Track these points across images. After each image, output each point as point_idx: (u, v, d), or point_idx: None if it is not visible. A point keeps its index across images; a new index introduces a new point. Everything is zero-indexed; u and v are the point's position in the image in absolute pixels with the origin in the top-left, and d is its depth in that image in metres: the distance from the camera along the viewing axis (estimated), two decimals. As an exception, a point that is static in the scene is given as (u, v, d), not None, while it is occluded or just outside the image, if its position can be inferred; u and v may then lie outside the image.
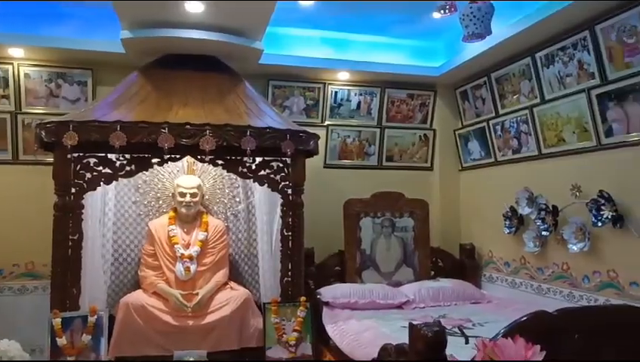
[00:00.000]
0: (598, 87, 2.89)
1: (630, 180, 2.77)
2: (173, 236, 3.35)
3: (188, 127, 2.93)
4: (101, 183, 2.98)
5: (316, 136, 3.33)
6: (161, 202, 3.64)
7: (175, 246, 3.32)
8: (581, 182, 3.04)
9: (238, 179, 3.66)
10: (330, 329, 3.19)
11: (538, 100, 3.39)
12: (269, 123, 3.17)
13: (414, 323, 2.03)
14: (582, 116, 3.04)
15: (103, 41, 3.50)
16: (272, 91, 4.13)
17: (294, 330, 3.09)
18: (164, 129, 2.88)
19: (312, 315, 3.17)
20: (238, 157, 3.15)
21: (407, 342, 2.10)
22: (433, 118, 4.46)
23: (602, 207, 2.84)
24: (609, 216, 2.80)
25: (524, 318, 1.98)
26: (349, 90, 4.29)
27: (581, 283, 3.12)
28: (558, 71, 3.18)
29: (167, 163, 3.12)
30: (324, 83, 4.21)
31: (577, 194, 3.05)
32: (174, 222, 3.43)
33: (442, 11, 2.42)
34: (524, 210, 3.50)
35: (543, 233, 3.32)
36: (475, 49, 3.56)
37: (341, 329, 3.12)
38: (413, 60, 4.18)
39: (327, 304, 3.51)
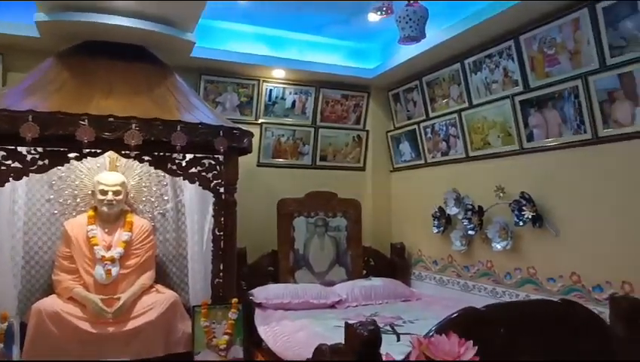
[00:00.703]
0: (521, 94, 3.06)
1: (548, 182, 2.95)
2: (93, 237, 3.12)
3: (111, 119, 2.73)
4: (10, 179, 2.70)
5: (250, 134, 3.24)
6: (78, 200, 3.38)
7: (95, 247, 3.09)
8: (505, 184, 3.20)
9: (167, 176, 3.49)
10: (263, 331, 3.12)
11: (466, 105, 3.53)
12: (202, 118, 3.04)
13: (350, 322, 2.04)
14: (506, 121, 3.20)
15: (15, 23, 3.19)
16: (204, 86, 3.98)
17: (225, 333, 3.00)
18: (84, 121, 2.66)
19: (243, 317, 3.09)
20: (167, 154, 3.00)
21: (341, 341, 2.10)
22: (366, 119, 4.52)
23: (523, 208, 3.01)
24: (529, 216, 2.97)
25: (455, 315, 2.04)
26: (284, 88, 4.24)
27: (504, 279, 3.28)
28: (485, 77, 3.33)
29: (86, 158, 2.90)
30: (259, 80, 4.13)
31: (501, 195, 3.21)
32: (94, 221, 3.20)
33: (379, 12, 2.44)
34: (452, 210, 3.63)
35: (469, 232, 3.46)
36: (407, 53, 3.65)
37: (274, 331, 3.06)
38: (348, 61, 4.21)
39: (259, 305, 3.44)
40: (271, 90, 4.19)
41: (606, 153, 2.63)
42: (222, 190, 3.14)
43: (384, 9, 2.38)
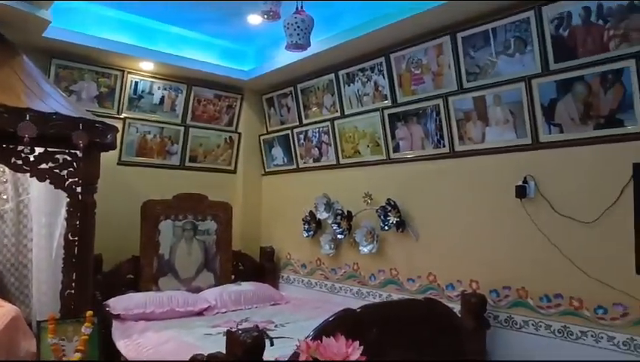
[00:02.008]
0: (390, 108, 3.29)
1: (411, 191, 3.22)
2: None
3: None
4: None
5: (115, 129, 2.96)
6: None
7: None
8: (372, 191, 3.41)
9: (7, 171, 3.00)
10: (123, 345, 2.85)
11: (339, 114, 3.68)
12: (56, 108, 2.69)
13: (232, 329, 1.97)
14: (375, 132, 3.42)
15: None
16: (55, 71, 3.53)
17: (77, 350, 2.67)
18: None
19: (99, 331, 2.78)
20: (11, 146, 2.58)
21: (213, 350, 2.02)
22: (239, 121, 4.45)
23: (389, 213, 3.24)
24: (394, 222, 3.20)
25: (334, 317, 2.10)
26: (152, 82, 3.96)
27: (368, 281, 3.48)
28: (357, 89, 3.51)
29: None
30: (124, 71, 3.79)
31: (369, 201, 3.41)
32: None
33: (265, 16, 2.42)
34: (322, 214, 3.75)
35: (339, 236, 3.61)
36: (283, 59, 3.69)
37: (136, 344, 2.81)
38: (223, 61, 4.09)
39: (117, 317, 3.14)
40: (137, 82, 3.89)
41: (460, 166, 2.96)
42: (79, 190, 2.80)
43: (271, 13, 2.37)
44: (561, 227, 2.47)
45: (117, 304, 3.22)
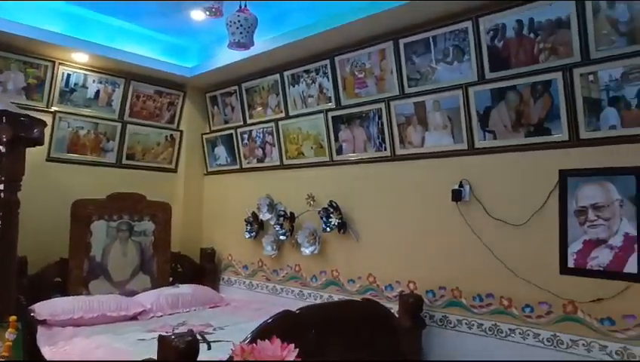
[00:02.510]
0: (334, 110, 3.31)
1: (353, 193, 3.25)
2: None
3: None
4: None
5: (43, 123, 2.77)
6: None
7: None
8: (315, 193, 3.41)
9: None
10: (49, 352, 2.68)
11: (283, 115, 3.66)
12: (-23, 98, 2.48)
13: (164, 334, 1.90)
14: (319, 134, 3.43)
15: None
16: (-25, 60, 3.29)
17: (1, 357, 2.47)
18: None
19: (24, 337, 2.60)
20: None
21: (147, 356, 1.95)
22: (181, 118, 4.32)
23: (331, 215, 3.25)
24: (336, 223, 3.22)
25: (272, 319, 2.08)
26: (86, 75, 3.76)
27: (310, 282, 3.48)
28: (302, 91, 3.51)
29: None
30: (54, 62, 3.58)
31: (312, 202, 3.41)
32: None
33: (208, 12, 2.36)
34: (265, 215, 3.71)
35: (281, 237, 3.58)
36: (228, 57, 3.61)
37: (63, 351, 2.65)
38: (164, 56, 3.95)
39: (43, 322, 2.95)
40: (69, 75, 3.68)
41: (401, 169, 3.02)
42: (1, 187, 2.60)
43: (213, 10, 2.31)
44: (494, 229, 2.58)
45: (42, 309, 3.03)
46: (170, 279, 3.91)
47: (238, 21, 2.31)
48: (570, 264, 2.32)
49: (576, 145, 2.33)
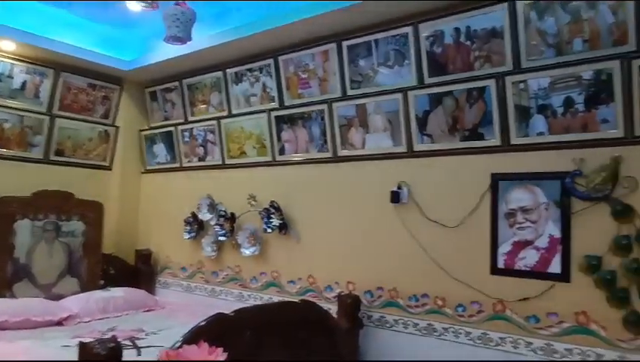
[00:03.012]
0: (277, 110, 3.28)
1: (294, 193, 3.23)
2: None
3: None
4: None
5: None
6: None
7: None
8: (257, 193, 3.36)
9: None
10: (-37, 360, 2.47)
11: (226, 113, 3.59)
12: None
13: (85, 341, 1.79)
14: (262, 133, 3.38)
15: None
16: None
17: None
18: None
19: None
20: None
21: (72, 363, 1.83)
22: (117, 114, 4.12)
23: (272, 216, 3.21)
24: (277, 224, 3.19)
25: (204, 322, 2.02)
26: (12, 64, 3.52)
27: (250, 283, 3.42)
28: (245, 89, 3.45)
29: None
30: (-24, 49, 3.33)
31: (253, 203, 3.36)
32: None
33: (143, 4, 2.26)
34: (205, 216, 3.61)
35: (221, 238, 3.50)
36: (169, 51, 3.49)
37: (-19, 358, 2.46)
38: (99, 47, 3.76)
39: (-38, 328, 2.73)
40: (-6, 63, 3.43)
41: (342, 171, 3.03)
42: None
43: (149, 1, 2.22)
44: (430, 231, 2.64)
45: (-41, 313, 2.80)
46: (102, 282, 3.72)
47: (175, 14, 2.23)
48: (500, 264, 2.41)
49: (507, 150, 2.43)
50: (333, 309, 2.78)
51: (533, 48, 2.32)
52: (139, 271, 3.96)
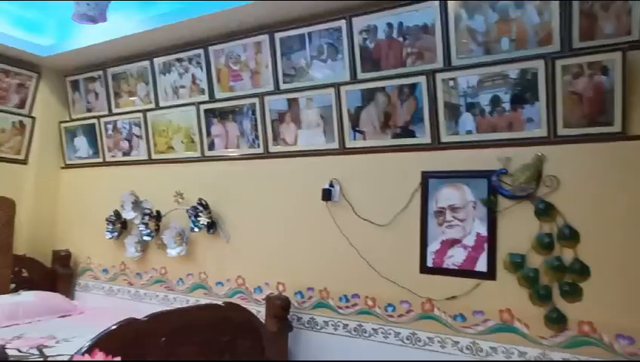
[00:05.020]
0: (207, 103, 3.12)
1: (224, 191, 3.08)
2: None
3: None
4: None
5: None
6: None
7: None
8: (184, 190, 3.18)
9: None
10: None
11: (153, 105, 3.38)
12: None
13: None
14: (190, 127, 3.21)
15: None
16: None
17: None
18: None
19: None
20: None
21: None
22: (34, 103, 3.80)
23: (200, 214, 3.05)
24: (205, 223, 3.02)
25: (114, 327, 1.85)
26: None
27: (176, 285, 3.24)
28: (174, 80, 3.26)
29: None
30: None
31: (180, 200, 3.18)
32: None
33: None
34: (129, 214, 3.39)
35: (145, 238, 3.29)
36: (91, 37, 3.28)
37: None
38: (13, 30, 3.44)
39: None
40: None
41: (273, 168, 2.92)
42: None
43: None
44: (361, 229, 2.58)
45: None
46: (13, 286, 3.40)
47: (85, -11, 2.04)
48: (429, 263, 2.39)
49: (437, 149, 2.41)
50: (262, 311, 2.67)
51: (463, 46, 2.32)
52: (56, 274, 3.66)
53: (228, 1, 2.69)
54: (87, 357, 1.33)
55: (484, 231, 2.27)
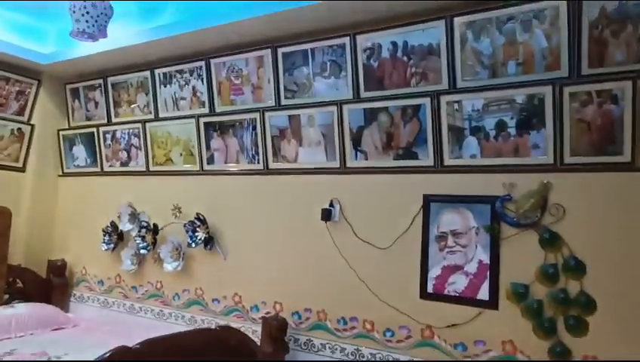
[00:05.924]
0: (207, 116, 3.07)
1: (222, 206, 3.02)
2: None
3: None
4: None
5: None
6: None
7: None
8: (182, 204, 3.13)
9: None
10: None
11: (152, 116, 3.34)
12: None
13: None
14: (190, 140, 3.16)
15: None
16: None
17: None
18: None
19: None
20: None
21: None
22: (33, 111, 3.76)
23: (197, 229, 3.00)
24: (202, 238, 2.97)
25: (107, 355, 1.80)
26: None
27: (172, 301, 3.18)
28: (174, 92, 3.22)
29: None
30: None
31: (177, 214, 3.13)
32: None
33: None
34: (126, 226, 3.34)
35: (142, 251, 3.24)
36: (92, 46, 3.20)
37: None
38: (14, 37, 3.41)
39: None
40: None
41: (273, 184, 2.86)
42: None
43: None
44: (361, 251, 2.52)
45: None
46: (7, 296, 3.36)
47: (84, 7, 1.99)
48: (430, 289, 2.33)
49: (440, 171, 2.36)
50: (259, 331, 2.61)
51: (468, 68, 2.26)
52: (51, 285, 3.61)
53: (231, 14, 2.65)
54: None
55: (486, 259, 2.21)
